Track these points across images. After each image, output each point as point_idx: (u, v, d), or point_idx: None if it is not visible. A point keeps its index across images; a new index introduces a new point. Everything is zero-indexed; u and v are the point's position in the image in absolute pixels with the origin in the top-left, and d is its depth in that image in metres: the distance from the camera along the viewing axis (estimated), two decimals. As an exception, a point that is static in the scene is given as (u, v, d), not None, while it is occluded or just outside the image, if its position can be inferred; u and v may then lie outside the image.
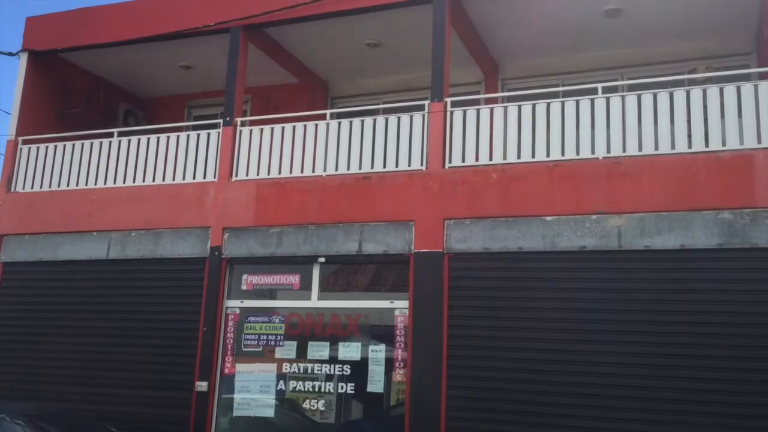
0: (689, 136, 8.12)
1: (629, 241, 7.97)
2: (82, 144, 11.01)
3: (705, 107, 8.11)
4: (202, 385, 9.38)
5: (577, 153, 8.50)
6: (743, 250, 7.54)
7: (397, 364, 8.88)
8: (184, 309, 9.80)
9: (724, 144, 7.96)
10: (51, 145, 11.19)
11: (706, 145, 8.00)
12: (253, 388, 9.47)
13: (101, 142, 10.92)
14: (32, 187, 11.17)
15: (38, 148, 11.25)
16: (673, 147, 8.13)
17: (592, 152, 8.44)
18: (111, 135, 10.98)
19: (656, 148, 8.18)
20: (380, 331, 9.16)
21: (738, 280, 7.53)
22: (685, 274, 7.71)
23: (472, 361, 8.37)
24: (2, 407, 7.96)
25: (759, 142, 7.82)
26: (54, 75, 12.08)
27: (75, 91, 12.39)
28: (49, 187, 11.06)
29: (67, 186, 10.94)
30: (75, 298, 10.42)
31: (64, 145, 11.12)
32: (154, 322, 9.91)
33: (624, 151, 8.31)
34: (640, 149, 8.24)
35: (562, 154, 8.56)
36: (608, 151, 8.37)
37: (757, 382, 7.24)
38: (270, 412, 9.43)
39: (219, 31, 10.68)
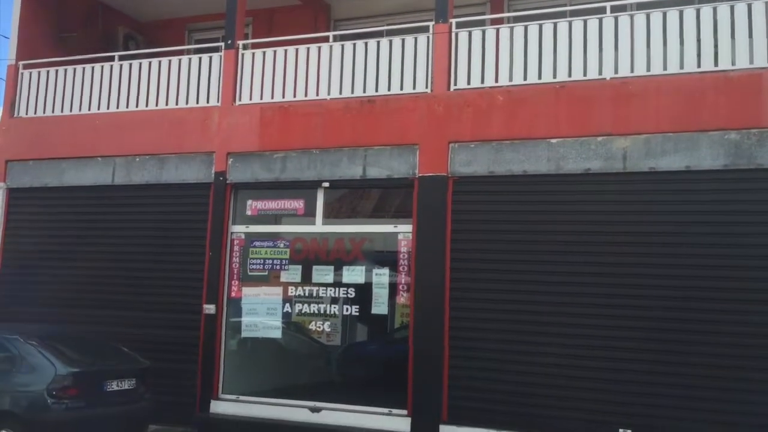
0: (698, 55, 7.97)
1: (634, 163, 7.93)
2: (83, 68, 10.88)
3: (715, 26, 7.93)
4: (209, 308, 9.56)
5: (585, 74, 8.37)
6: (749, 171, 7.52)
7: (400, 288, 9.00)
8: (189, 234, 9.89)
9: (733, 63, 7.82)
10: (52, 70, 11.07)
11: (716, 64, 7.87)
12: (260, 311, 9.64)
13: (102, 67, 10.78)
14: (35, 113, 11.11)
15: (39, 72, 11.13)
16: (681, 67, 8.00)
17: (600, 73, 8.31)
18: (112, 59, 10.83)
19: (665, 68, 8.05)
20: (384, 256, 9.25)
21: (743, 201, 7.53)
22: (691, 196, 7.71)
23: (475, 283, 8.47)
24: (16, 329, 8.16)
25: (769, 61, 7.68)
26: (52, -2, 11.84)
27: (73, 15, 12.16)
28: (53, 112, 10.99)
29: (70, 111, 10.87)
30: (82, 223, 10.51)
31: (65, 70, 10.99)
32: (161, 246, 10.01)
33: (632, 71, 8.18)
34: (648, 69, 8.12)
35: (569, 75, 8.43)
36: (616, 72, 8.24)
37: (762, 302, 7.32)
38: (277, 334, 9.63)
39: (218, -50, 10.40)
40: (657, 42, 8.13)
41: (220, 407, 9.38)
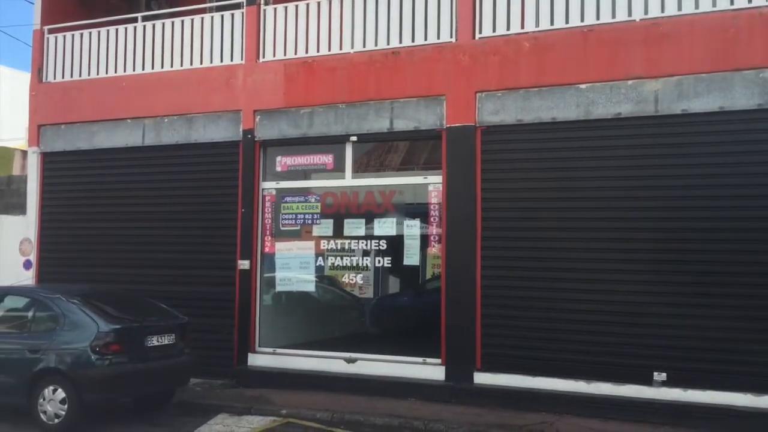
0: (732, -9, 7.73)
1: (666, 106, 7.80)
2: (108, 31, 10.92)
3: (750, -41, 7.67)
4: (244, 264, 9.71)
5: (613, 16, 8.18)
6: (786, 109, 7.35)
7: (432, 239, 9.05)
8: (221, 192, 10.01)
9: (768, -1, 7.58)
10: (77, 34, 11.13)
11: (749, 1, 7.62)
12: (293, 266, 9.78)
13: (126, 29, 10.81)
14: (63, 77, 11.22)
15: (65, 36, 11.20)
16: (714, 5, 7.78)
17: (629, 14, 8.11)
18: (135, 20, 10.84)
19: (696, 7, 7.83)
20: (414, 208, 9.28)
21: (780, 141, 7.38)
22: (725, 137, 7.58)
23: (506, 232, 8.48)
24: (57, 288, 8.38)
25: (806, -5, 7.43)
26: (71, -40, 11.81)
27: (94, -23, 12.14)
28: (80, 76, 11.09)
29: (97, 74, 10.97)
30: (115, 185, 10.69)
31: (90, 33, 11.05)
32: (194, 205, 10.15)
33: (662, 11, 7.98)
34: (679, 8, 7.90)
35: (597, 18, 8.25)
36: (646, 12, 8.04)
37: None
38: (311, 287, 9.79)
39: None
40: (689, -21, 7.89)
41: (258, 360, 9.62)
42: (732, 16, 7.64)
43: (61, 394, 7.37)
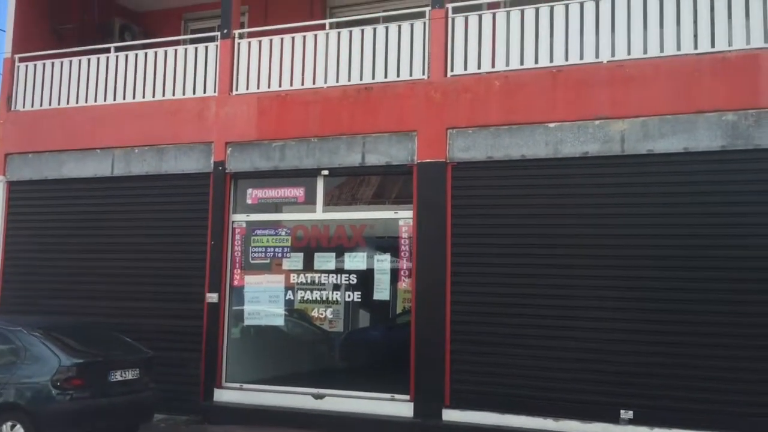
0: (695, 37, 7.95)
1: (632, 146, 7.96)
2: (80, 60, 10.87)
3: (712, 6, 7.91)
4: (212, 297, 9.61)
5: (581, 57, 8.36)
6: (747, 151, 7.54)
7: (402, 273, 9.05)
8: (191, 224, 9.93)
9: (730, 44, 7.81)
10: (48, 63, 11.05)
11: (712, 45, 7.86)
12: (263, 299, 9.70)
13: (98, 58, 10.77)
14: (32, 106, 11.11)
15: (35, 65, 11.11)
16: (678, 48, 7.99)
17: (596, 56, 8.30)
18: (108, 51, 10.81)
19: (661, 50, 8.04)
20: (385, 242, 9.30)
21: (742, 181, 7.55)
22: (689, 177, 7.73)
23: (476, 267, 8.52)
24: (19, 321, 8.21)
25: (766, 41, 7.67)
26: (46, -11, 11.79)
27: (68, 7, 12.11)
28: (50, 104, 10.99)
29: (68, 103, 10.88)
30: (83, 215, 10.55)
31: (62, 62, 10.98)
32: (163, 237, 10.05)
33: (629, 54, 8.17)
34: (645, 52, 8.11)
35: (566, 59, 8.43)
36: (612, 55, 8.23)
37: (761, 281, 7.37)
38: (280, 321, 9.70)
39: (213, -62, 10.36)
40: (653, 24, 8.11)
41: (224, 396, 9.46)
42: (695, 60, 7.85)
43: (20, 430, 7.17)
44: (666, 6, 8.09)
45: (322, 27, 10.01)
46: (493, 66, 8.76)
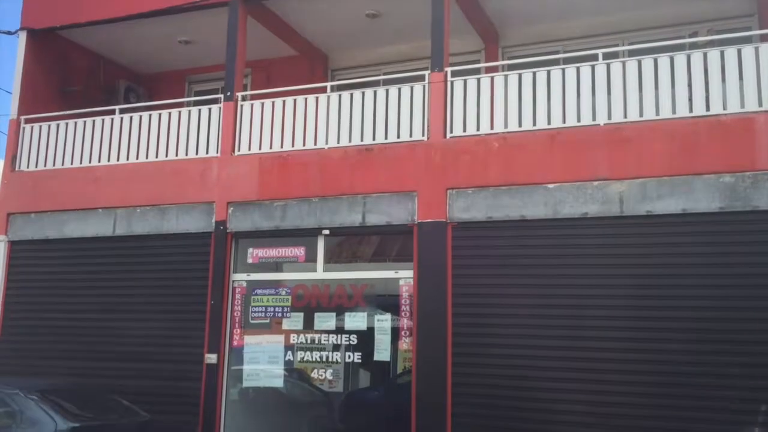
0: (690, 100, 8.10)
1: (631, 207, 8.01)
2: (84, 122, 11.04)
3: (706, 71, 8.09)
4: (211, 358, 9.53)
5: (578, 120, 8.50)
6: (745, 213, 7.58)
7: (403, 333, 9.00)
8: (191, 284, 9.91)
9: (725, 107, 7.95)
10: (53, 124, 11.22)
11: (707, 108, 8.00)
12: (262, 360, 9.61)
13: (103, 120, 10.94)
14: (36, 166, 11.23)
15: (41, 126, 11.28)
16: (674, 111, 8.13)
17: (593, 119, 8.44)
18: (112, 112, 10.99)
19: (657, 113, 8.18)
20: (386, 301, 9.26)
21: (740, 243, 7.58)
22: (688, 238, 7.76)
23: (476, 328, 8.47)
24: (16, 383, 8.11)
25: (760, 105, 7.81)
26: (53, 53, 12.05)
27: (75, 69, 12.37)
28: (53, 165, 11.11)
29: (71, 164, 11.00)
30: (83, 275, 10.53)
31: (67, 123, 11.15)
32: (163, 297, 10.02)
33: (625, 116, 8.31)
34: (641, 114, 8.25)
35: (564, 121, 8.57)
36: (609, 117, 8.37)
37: (761, 342, 7.33)
38: (279, 383, 9.59)
39: (217, 4, 10.64)
40: (649, 88, 8.27)
41: (222, 459, 9.30)
42: (691, 123, 7.98)
43: (14, 496, 7.02)
44: (660, 69, 8.27)
45: (323, 89, 10.21)
46: (491, 128, 8.89)
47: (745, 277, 7.50)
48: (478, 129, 8.95)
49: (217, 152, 10.18)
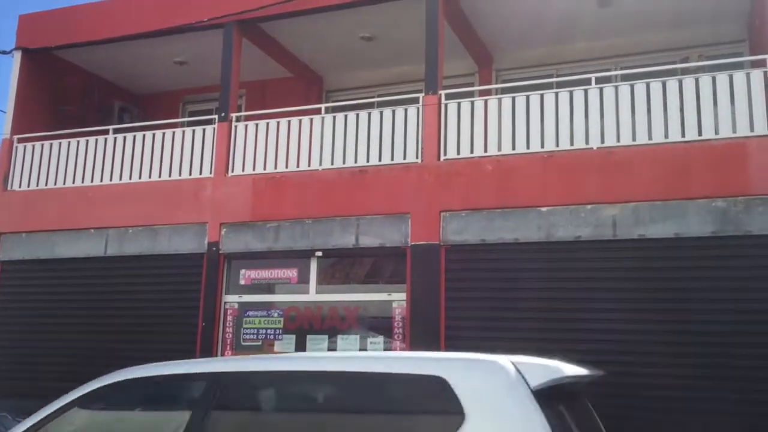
0: (682, 124, 8.16)
1: (624, 231, 8.02)
2: (78, 141, 11.02)
3: (698, 96, 8.15)
4: (202, 380, 9.41)
5: (571, 143, 8.54)
6: (737, 237, 7.60)
7: (395, 356, 8.92)
8: (183, 305, 9.84)
9: (716, 132, 8.00)
10: (47, 143, 11.19)
11: (699, 133, 8.05)
12: (253, 382, 9.50)
13: (96, 140, 10.92)
14: (29, 186, 11.18)
15: (34, 146, 11.25)
16: (666, 136, 8.18)
17: (586, 142, 8.48)
18: (106, 132, 10.98)
19: (650, 138, 8.23)
20: (378, 323, 9.21)
21: (733, 267, 7.59)
22: (680, 263, 7.77)
23: (470, 351, 8.39)
24: (3, 405, 8.02)
25: (752, 130, 7.87)
26: (48, 73, 12.06)
27: (69, 89, 12.38)
28: (46, 185, 11.07)
29: (64, 183, 10.96)
30: (74, 295, 10.44)
31: (60, 143, 11.12)
32: (153, 318, 9.93)
33: (618, 140, 8.35)
34: (633, 139, 8.29)
35: (557, 144, 8.60)
36: (602, 141, 8.41)
37: (752, 368, 7.31)
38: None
39: (213, 26, 10.68)
40: (641, 112, 8.33)
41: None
42: (683, 148, 8.03)
43: None
44: (652, 94, 8.32)
45: (318, 111, 10.24)
46: (485, 151, 8.92)
47: (737, 302, 7.49)
48: (471, 151, 8.98)
49: (211, 173, 10.18)
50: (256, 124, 10.15)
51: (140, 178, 10.56)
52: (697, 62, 9.42)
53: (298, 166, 9.78)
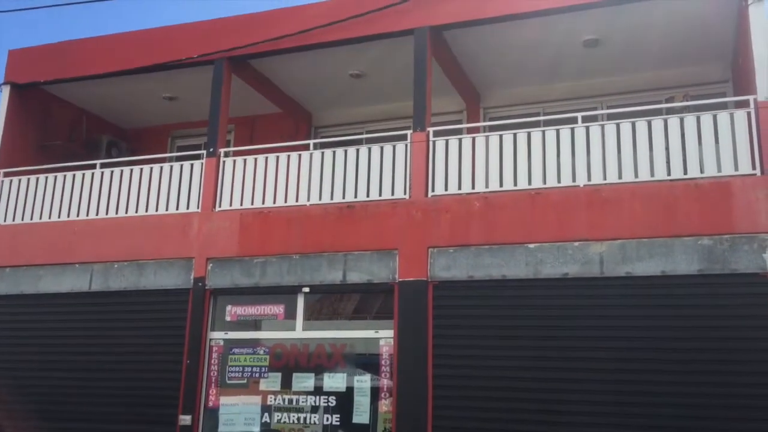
0: (668, 163, 8.23)
1: (611, 268, 8.03)
2: (65, 176, 10.97)
3: (683, 135, 8.24)
4: (185, 419, 9.27)
5: (559, 181, 8.59)
6: (724, 275, 7.62)
7: (382, 394, 8.84)
8: (167, 341, 9.72)
9: (702, 171, 8.08)
10: (33, 177, 11.13)
11: (685, 172, 8.12)
12: (238, 421, 9.37)
13: (83, 174, 10.88)
14: (14, 220, 11.08)
15: (20, 180, 11.18)
16: (652, 174, 8.24)
17: (573, 180, 8.53)
18: (94, 166, 10.95)
19: (636, 176, 8.29)
20: (365, 360, 9.12)
21: (719, 306, 7.60)
22: (667, 300, 7.77)
23: (458, 390, 8.35)
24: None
25: (736, 169, 7.95)
26: (36, 107, 12.06)
27: (58, 123, 12.37)
28: (31, 219, 10.97)
29: (49, 218, 10.87)
30: (58, 331, 10.30)
31: (46, 177, 11.06)
32: (138, 354, 9.80)
33: (604, 178, 8.41)
34: (620, 177, 8.35)
35: (544, 182, 8.65)
36: (589, 179, 8.47)
37: (739, 407, 7.28)
38: (255, 445, 9.34)
39: (203, 62, 10.75)
40: (627, 150, 8.40)
41: None
42: (669, 186, 8.08)
43: None
44: (638, 133, 8.41)
45: (306, 147, 10.27)
46: (473, 187, 8.95)
47: (724, 340, 7.49)
48: (459, 188, 9.01)
49: (198, 207, 10.14)
50: (245, 160, 10.16)
51: (127, 212, 10.51)
52: (682, 102, 9.53)
53: (285, 202, 9.77)
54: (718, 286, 7.62)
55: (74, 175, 10.92)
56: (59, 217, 10.82)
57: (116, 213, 10.55)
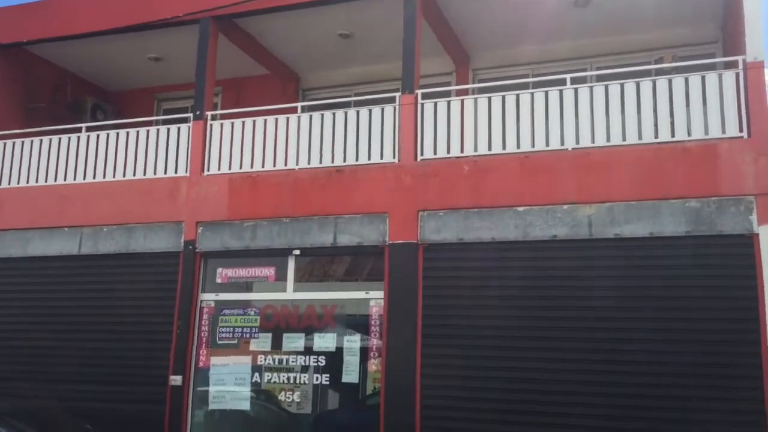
0: (656, 126, 8.25)
1: (600, 230, 8.10)
2: (50, 139, 10.85)
3: (671, 97, 8.25)
4: (176, 379, 9.37)
5: (547, 144, 8.59)
6: (710, 237, 7.72)
7: (372, 354, 8.95)
8: (158, 303, 9.76)
9: (689, 134, 8.10)
10: (18, 141, 11.01)
11: (672, 135, 8.15)
12: (228, 381, 9.48)
13: (69, 137, 10.76)
14: (0, 184, 10.99)
15: (5, 144, 11.06)
16: (640, 137, 8.26)
17: (562, 143, 8.54)
18: (79, 130, 10.83)
19: (624, 139, 8.31)
20: (356, 321, 9.21)
21: (706, 266, 7.70)
22: (654, 261, 7.87)
23: (446, 349, 8.47)
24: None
25: (723, 132, 7.98)
26: (19, 68, 11.88)
27: (41, 85, 12.20)
28: (18, 183, 10.89)
29: (36, 182, 10.80)
30: (47, 294, 10.32)
31: (32, 141, 10.95)
32: (128, 317, 9.85)
33: (593, 142, 8.42)
34: (608, 140, 8.37)
35: (533, 145, 8.65)
36: (577, 142, 8.48)
37: (726, 365, 7.45)
38: (245, 405, 9.45)
39: (188, 22, 10.58)
40: (615, 113, 8.41)
41: (188, 484, 9.13)
42: (657, 149, 8.12)
43: None
44: (627, 95, 8.40)
45: (294, 110, 10.19)
46: (461, 151, 8.94)
47: (711, 299, 7.61)
48: (448, 152, 9.00)
49: (187, 171, 10.08)
50: (232, 123, 10.09)
51: (115, 176, 10.44)
52: (671, 63, 9.51)
53: (274, 165, 9.74)
54: (705, 247, 7.72)
55: (60, 139, 10.81)
56: (46, 181, 10.75)
57: (104, 177, 10.48)
